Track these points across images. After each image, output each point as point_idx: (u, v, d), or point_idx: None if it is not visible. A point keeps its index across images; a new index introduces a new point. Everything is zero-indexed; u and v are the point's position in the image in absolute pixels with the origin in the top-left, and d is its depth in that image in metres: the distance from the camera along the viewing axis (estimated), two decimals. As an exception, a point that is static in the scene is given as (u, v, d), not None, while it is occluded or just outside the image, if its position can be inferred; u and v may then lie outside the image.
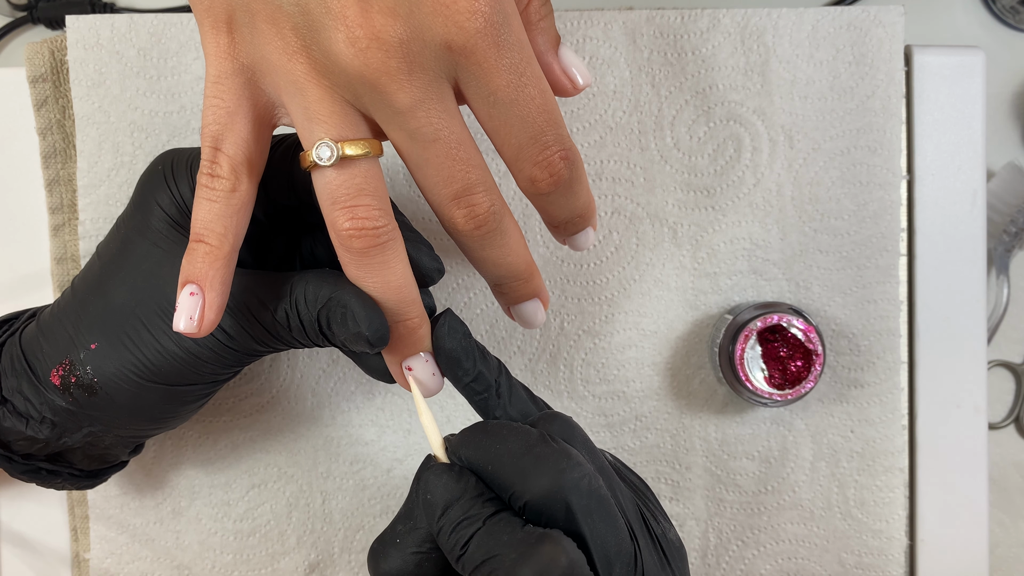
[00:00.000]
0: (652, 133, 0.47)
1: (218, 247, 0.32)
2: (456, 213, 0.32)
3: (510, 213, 0.34)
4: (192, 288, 0.32)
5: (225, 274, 0.32)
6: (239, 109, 0.32)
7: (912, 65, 0.48)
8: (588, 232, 0.37)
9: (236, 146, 0.32)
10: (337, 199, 0.31)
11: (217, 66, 0.31)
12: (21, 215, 0.49)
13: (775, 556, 0.49)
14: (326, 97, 0.30)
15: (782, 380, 0.45)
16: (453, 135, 0.31)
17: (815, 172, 0.47)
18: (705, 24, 0.47)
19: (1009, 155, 0.55)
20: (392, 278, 0.32)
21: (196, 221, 0.32)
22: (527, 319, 0.37)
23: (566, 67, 0.34)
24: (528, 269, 0.36)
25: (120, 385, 0.36)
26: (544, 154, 0.32)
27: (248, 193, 0.32)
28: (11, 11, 0.54)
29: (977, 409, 0.49)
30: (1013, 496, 0.55)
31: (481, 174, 0.32)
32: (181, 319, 0.32)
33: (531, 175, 0.33)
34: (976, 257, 0.49)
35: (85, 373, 0.36)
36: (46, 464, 0.40)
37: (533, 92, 0.31)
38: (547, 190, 0.33)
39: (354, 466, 0.48)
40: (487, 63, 0.30)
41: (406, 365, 0.34)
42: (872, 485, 0.48)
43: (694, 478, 0.48)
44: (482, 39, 0.30)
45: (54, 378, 0.37)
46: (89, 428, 0.38)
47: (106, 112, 0.46)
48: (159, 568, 0.48)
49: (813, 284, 0.48)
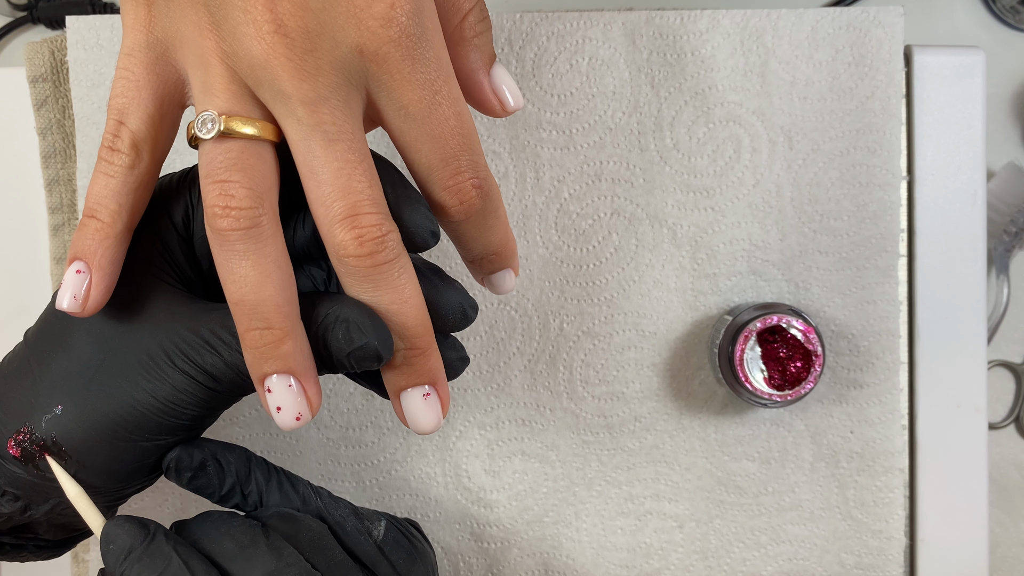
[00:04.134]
0: (651, 134, 0.47)
1: (110, 224, 0.30)
2: (346, 235, 0.29)
3: (409, 258, 0.31)
4: (79, 265, 0.30)
5: (115, 253, 0.30)
6: (148, 84, 0.30)
7: (912, 65, 0.48)
8: (507, 275, 0.34)
9: (140, 121, 0.30)
10: (210, 172, 0.29)
11: (132, 38, 0.30)
12: (21, 215, 0.49)
13: (776, 557, 0.49)
14: (226, 75, 0.29)
15: (782, 381, 0.45)
16: (356, 143, 0.29)
17: (814, 173, 0.47)
18: (704, 25, 0.47)
19: (1009, 155, 0.55)
20: (253, 274, 0.29)
21: (90, 196, 0.30)
22: (413, 415, 0.32)
23: (496, 87, 0.33)
24: (425, 332, 0.31)
25: (92, 449, 0.32)
26: (455, 179, 0.30)
27: (148, 172, 0.31)
28: (11, 11, 0.54)
29: (977, 409, 0.49)
30: (1013, 496, 0.55)
31: (379, 197, 0.30)
32: (65, 297, 0.30)
33: (440, 200, 0.31)
34: (976, 257, 0.48)
35: (50, 440, 0.32)
36: (8, 538, 0.35)
37: (448, 112, 0.30)
38: (456, 218, 0.31)
39: (354, 468, 0.48)
40: (399, 74, 0.29)
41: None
42: (872, 485, 0.48)
43: (694, 479, 0.48)
44: (395, 48, 0.28)
45: (12, 449, 0.32)
46: (57, 499, 0.33)
47: (106, 112, 0.46)
48: (159, 568, 0.48)
49: (813, 285, 0.48)
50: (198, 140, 0.29)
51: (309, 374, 0.31)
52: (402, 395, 0.32)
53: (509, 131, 0.47)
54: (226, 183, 0.29)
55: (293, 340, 0.30)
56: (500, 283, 0.35)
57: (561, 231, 0.48)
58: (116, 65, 0.31)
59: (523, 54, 0.47)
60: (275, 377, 0.30)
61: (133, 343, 0.32)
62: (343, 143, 0.29)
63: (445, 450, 0.48)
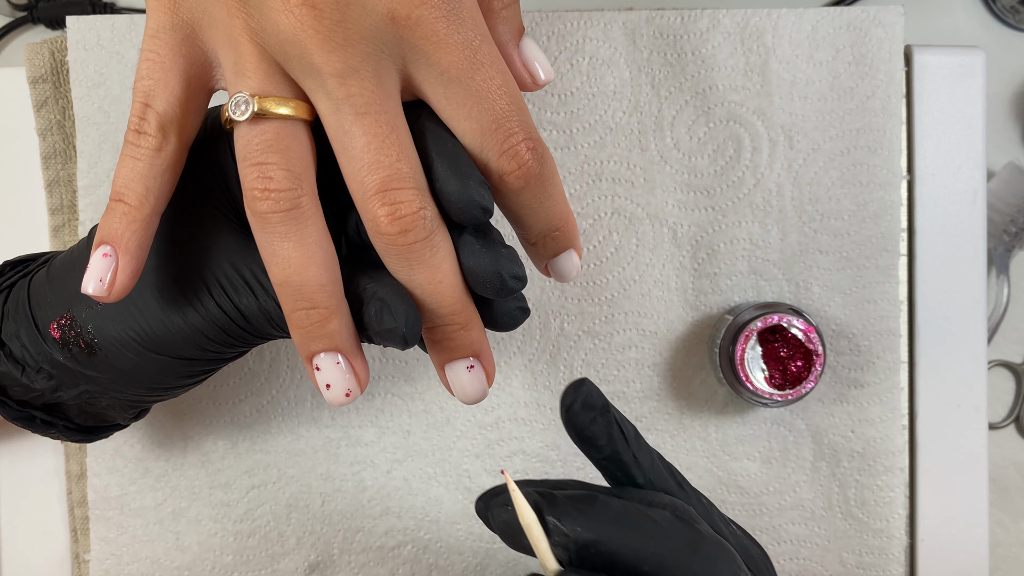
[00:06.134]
0: (652, 133, 0.47)
1: (137, 208, 0.30)
2: (379, 211, 0.29)
3: (447, 233, 0.30)
4: (106, 249, 0.30)
5: (143, 237, 0.30)
6: (174, 66, 0.30)
7: (912, 65, 0.48)
8: (572, 256, 0.33)
9: (167, 103, 0.30)
10: (247, 155, 0.29)
11: (157, 19, 0.30)
12: (21, 216, 0.49)
13: (777, 557, 0.48)
14: (256, 54, 0.29)
15: (782, 380, 0.45)
16: (387, 114, 0.28)
17: (815, 172, 0.47)
18: (705, 24, 0.47)
19: (1009, 155, 0.55)
20: (296, 255, 0.29)
21: (117, 179, 0.30)
22: (459, 386, 0.32)
23: (527, 60, 0.32)
24: (464, 308, 0.31)
25: (120, 351, 0.34)
26: (510, 142, 0.29)
27: (175, 154, 0.30)
28: (11, 11, 0.54)
29: (977, 409, 0.49)
30: (1013, 496, 0.55)
31: (414, 169, 0.29)
32: (91, 282, 0.30)
33: (497, 168, 0.29)
34: (976, 257, 0.49)
35: (86, 331, 0.34)
36: (41, 413, 0.38)
37: (492, 71, 0.29)
38: (515, 185, 0.30)
39: (354, 467, 0.48)
40: (436, 36, 0.28)
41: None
42: (873, 485, 0.48)
43: (695, 479, 0.48)
44: (428, 10, 0.28)
45: (54, 331, 0.34)
46: (85, 387, 0.36)
47: (106, 112, 0.46)
48: (159, 569, 0.48)
49: (813, 284, 0.48)
50: (232, 122, 0.29)
51: (356, 351, 0.31)
52: (446, 368, 0.32)
53: (509, 131, 0.47)
54: (264, 165, 0.29)
55: (339, 318, 0.30)
56: (565, 266, 0.33)
57: (561, 231, 0.48)
58: (141, 47, 0.30)
59: (523, 54, 0.47)
60: (323, 355, 0.30)
61: (180, 265, 0.33)
62: (372, 115, 0.28)
63: (445, 450, 0.48)
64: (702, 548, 0.28)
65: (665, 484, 0.32)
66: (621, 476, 0.31)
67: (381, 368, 0.48)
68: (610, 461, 0.31)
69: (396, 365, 0.48)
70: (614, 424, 0.31)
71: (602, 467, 0.31)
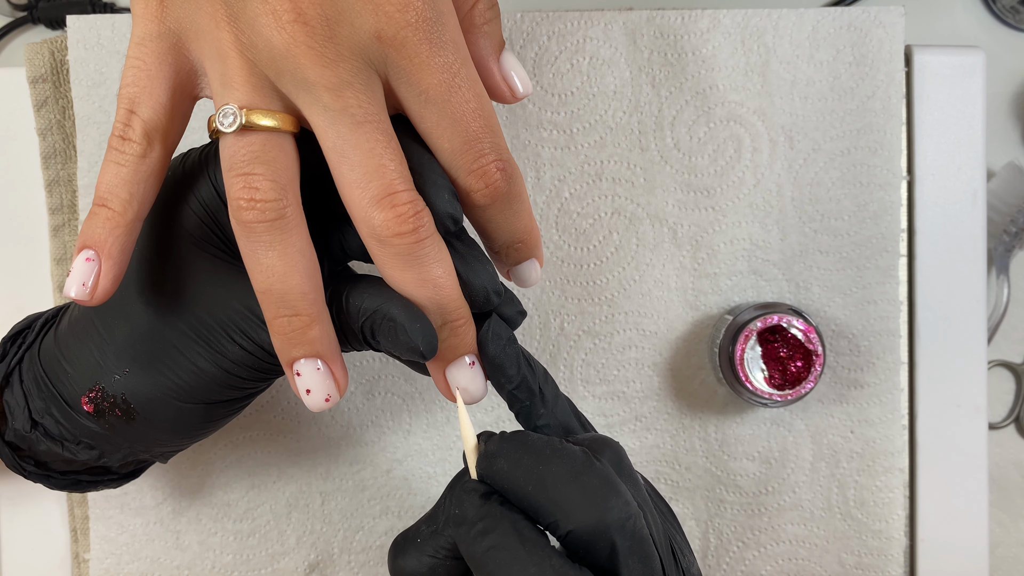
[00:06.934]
0: (652, 133, 0.47)
1: (120, 213, 0.30)
2: (385, 215, 0.29)
3: (442, 240, 0.31)
4: (88, 253, 0.30)
5: (125, 242, 0.31)
6: (160, 74, 0.30)
7: (912, 65, 0.48)
8: (532, 265, 0.34)
9: (152, 111, 0.30)
10: (233, 165, 0.29)
11: (143, 27, 0.30)
12: (21, 215, 0.49)
13: (775, 557, 0.49)
14: (244, 67, 0.29)
15: (782, 380, 0.45)
16: (383, 124, 0.29)
17: (815, 172, 0.47)
18: (705, 25, 0.47)
19: (1009, 155, 0.55)
20: (279, 264, 0.30)
21: (101, 184, 0.30)
22: (463, 384, 0.33)
23: (507, 73, 0.33)
24: (464, 304, 0.32)
25: (158, 409, 0.34)
26: (479, 162, 0.31)
27: (159, 161, 0.31)
28: (11, 11, 0.54)
29: (977, 409, 0.49)
30: (1013, 496, 0.55)
31: (409, 176, 0.30)
32: (73, 285, 0.30)
33: (465, 184, 0.31)
34: (976, 257, 0.49)
35: (120, 399, 0.34)
36: (85, 476, 0.39)
37: (468, 95, 0.30)
38: (482, 202, 0.31)
39: (353, 467, 0.48)
40: (418, 58, 0.29)
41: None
42: (872, 485, 0.48)
43: (694, 479, 0.48)
44: (413, 33, 0.29)
45: (86, 405, 0.35)
46: (128, 448, 0.36)
47: (107, 112, 0.46)
48: (159, 568, 0.48)
49: (813, 284, 0.48)
50: (219, 133, 0.29)
51: (336, 357, 0.32)
52: (449, 369, 0.33)
53: (510, 130, 0.47)
54: (250, 176, 0.29)
55: (320, 325, 0.31)
56: (526, 274, 0.35)
57: (562, 230, 0.48)
58: (127, 54, 0.31)
59: (524, 54, 0.47)
60: (303, 361, 0.31)
61: (191, 316, 0.33)
62: (370, 124, 0.29)
63: (445, 450, 0.48)
64: (583, 477, 0.29)
65: (567, 419, 0.33)
66: (529, 408, 0.33)
67: (381, 368, 0.48)
68: (519, 390, 0.32)
69: (396, 365, 0.48)
70: (522, 356, 0.33)
71: (512, 399, 0.33)
